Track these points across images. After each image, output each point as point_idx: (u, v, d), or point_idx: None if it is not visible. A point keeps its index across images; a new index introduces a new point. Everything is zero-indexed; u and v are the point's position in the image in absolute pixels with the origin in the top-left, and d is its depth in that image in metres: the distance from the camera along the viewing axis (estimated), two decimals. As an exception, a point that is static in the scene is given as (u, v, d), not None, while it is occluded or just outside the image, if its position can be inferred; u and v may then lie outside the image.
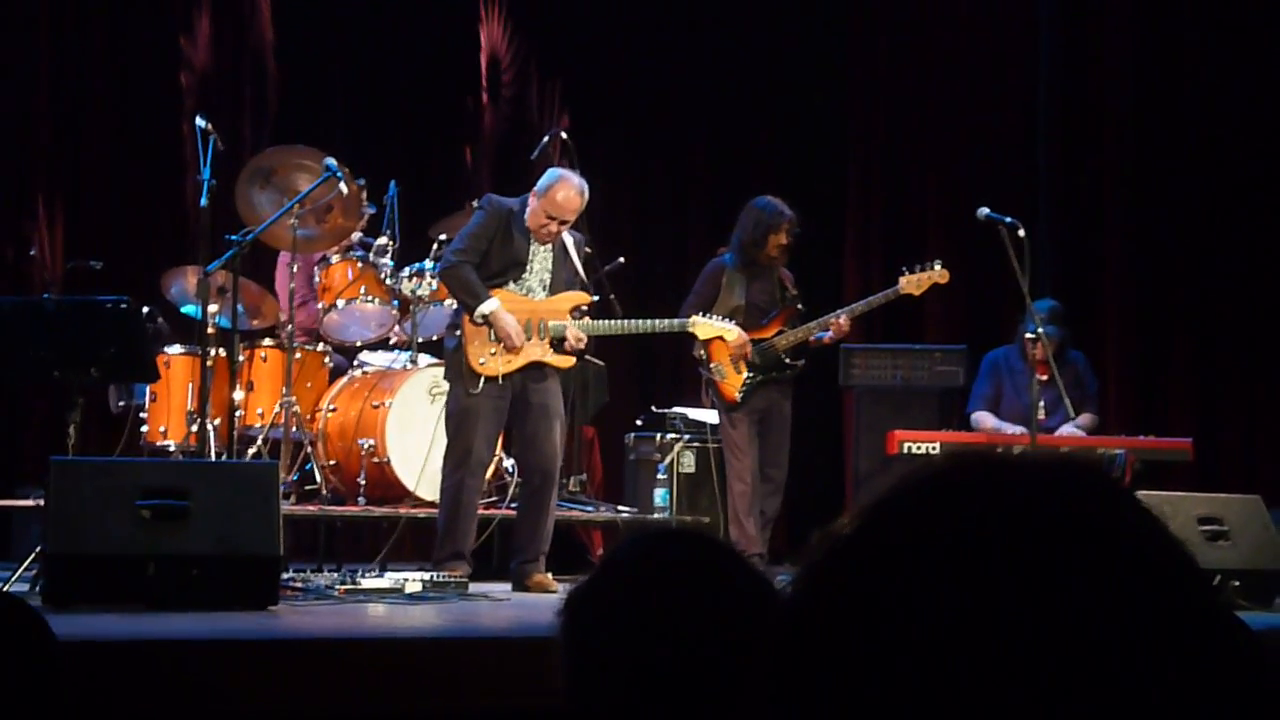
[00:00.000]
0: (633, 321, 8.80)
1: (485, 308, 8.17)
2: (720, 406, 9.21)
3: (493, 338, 8.21)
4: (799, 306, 9.23)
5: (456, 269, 8.28)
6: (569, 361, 8.46)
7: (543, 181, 8.29)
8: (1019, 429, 9.45)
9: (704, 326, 8.85)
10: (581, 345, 8.45)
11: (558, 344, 8.35)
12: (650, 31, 12.62)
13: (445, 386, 8.49)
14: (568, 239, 8.41)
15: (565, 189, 8.21)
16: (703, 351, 9.11)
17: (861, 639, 0.98)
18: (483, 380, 8.20)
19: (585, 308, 8.55)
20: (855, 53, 12.55)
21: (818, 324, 9.12)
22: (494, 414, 8.28)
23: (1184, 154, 11.37)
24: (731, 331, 8.87)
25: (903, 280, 9.20)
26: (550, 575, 8.21)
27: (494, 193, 8.70)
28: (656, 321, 8.81)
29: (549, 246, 8.36)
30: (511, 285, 8.31)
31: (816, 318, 9.14)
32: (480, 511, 8.69)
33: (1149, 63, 11.50)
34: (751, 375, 9.06)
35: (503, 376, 8.22)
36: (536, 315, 8.30)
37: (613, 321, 8.78)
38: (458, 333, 8.28)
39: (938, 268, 9.18)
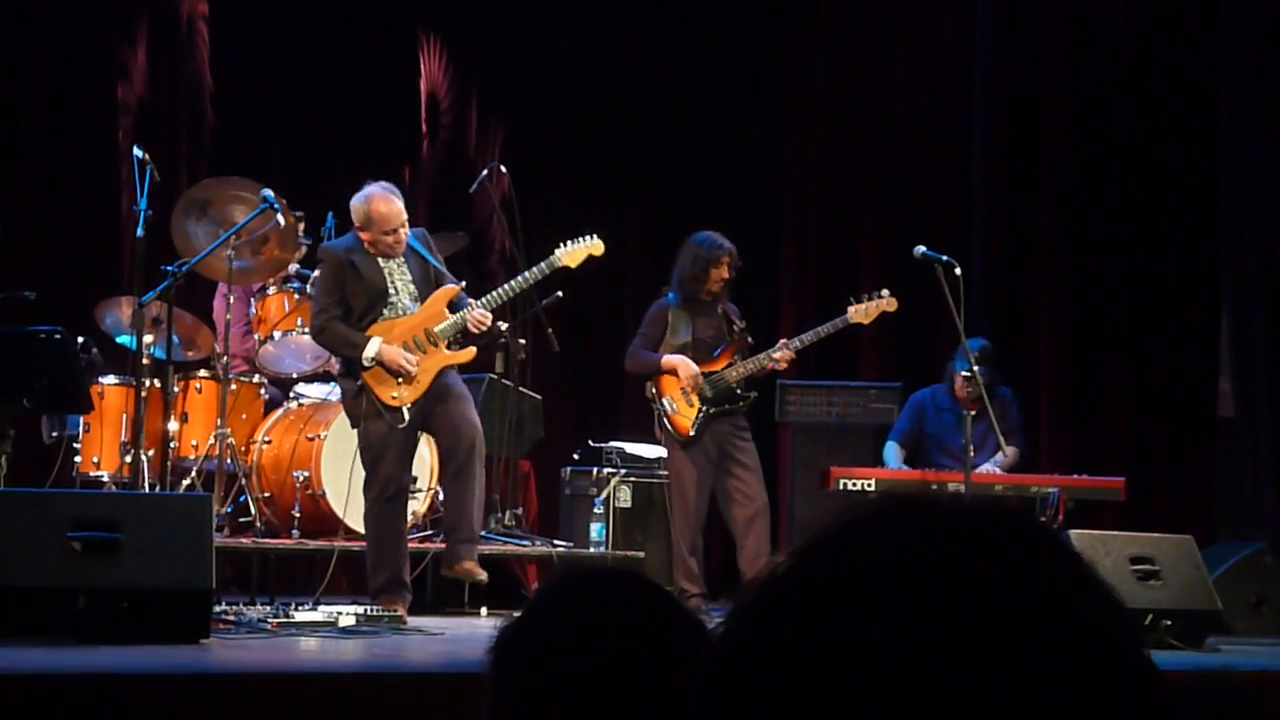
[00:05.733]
0: (510, 284, 8.49)
1: (369, 351, 8.08)
2: (671, 442, 9.13)
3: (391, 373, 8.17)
4: (748, 339, 9.20)
5: (326, 327, 8.19)
6: (470, 353, 8.36)
7: (356, 214, 8.19)
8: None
9: (569, 255, 8.54)
10: (486, 327, 8.35)
11: (452, 343, 8.29)
12: (588, 69, 12.65)
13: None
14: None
15: (379, 203, 8.13)
16: (654, 388, 9.06)
17: (791, 680, 0.99)
18: (405, 410, 8.15)
19: (490, 298, 8.41)
20: (791, 91, 12.59)
21: (767, 355, 9.08)
22: (405, 439, 8.20)
23: (1117, 194, 11.46)
24: (598, 246, 8.62)
25: (851, 310, 9.16)
26: (478, 565, 8.17)
27: (429, 226, 8.70)
28: (530, 271, 8.48)
29: (399, 260, 8.26)
30: (385, 313, 8.21)
31: (765, 349, 9.12)
32: (415, 545, 8.61)
33: (1084, 103, 11.59)
34: (705, 408, 8.98)
35: (413, 403, 8.15)
36: (420, 327, 8.21)
37: (496, 291, 8.43)
38: (357, 382, 8.15)
39: (886, 295, 9.17)
